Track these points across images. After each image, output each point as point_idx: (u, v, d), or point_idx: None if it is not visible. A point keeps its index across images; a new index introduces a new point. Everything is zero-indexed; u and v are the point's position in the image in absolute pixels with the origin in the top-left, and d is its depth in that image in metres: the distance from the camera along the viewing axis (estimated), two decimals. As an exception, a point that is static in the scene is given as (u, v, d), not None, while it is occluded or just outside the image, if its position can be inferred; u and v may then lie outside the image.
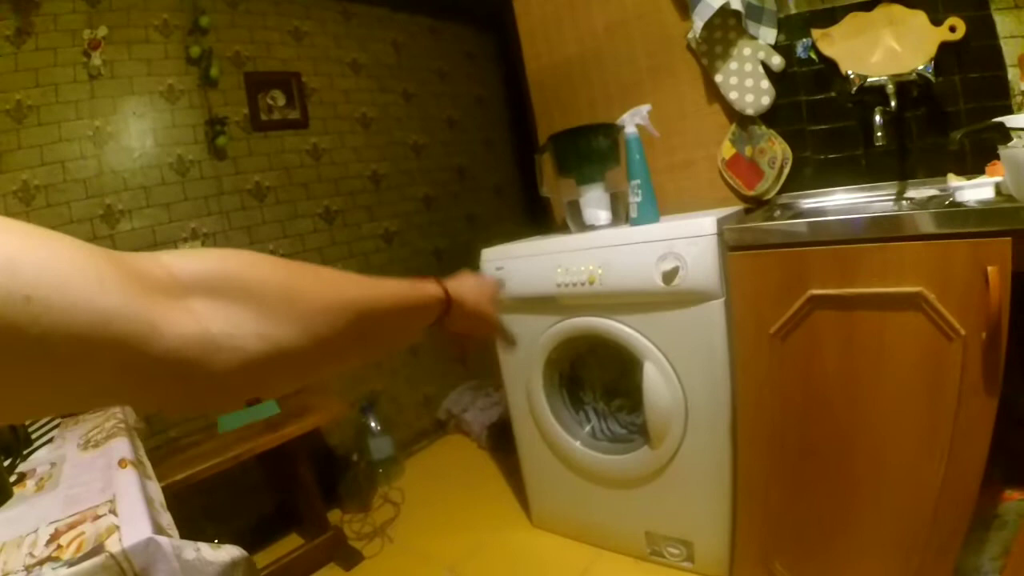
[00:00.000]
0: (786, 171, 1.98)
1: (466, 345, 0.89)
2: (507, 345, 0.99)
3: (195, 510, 2.18)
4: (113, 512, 0.98)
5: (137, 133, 2.39)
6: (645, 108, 1.86)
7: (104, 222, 2.28)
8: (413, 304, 0.68)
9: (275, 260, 0.49)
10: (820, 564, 1.56)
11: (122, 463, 1.23)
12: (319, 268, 0.53)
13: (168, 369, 0.37)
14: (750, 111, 1.96)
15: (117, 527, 0.92)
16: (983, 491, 1.29)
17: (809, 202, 1.92)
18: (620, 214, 2.01)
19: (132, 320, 0.34)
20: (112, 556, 0.84)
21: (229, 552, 1.04)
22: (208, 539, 1.04)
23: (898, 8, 1.73)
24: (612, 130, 1.99)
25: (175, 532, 1.10)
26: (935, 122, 1.75)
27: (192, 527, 1.26)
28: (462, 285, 0.78)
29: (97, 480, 1.16)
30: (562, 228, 2.26)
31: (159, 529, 0.95)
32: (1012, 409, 1.27)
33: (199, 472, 1.92)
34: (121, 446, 1.36)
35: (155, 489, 1.24)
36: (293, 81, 2.86)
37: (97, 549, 0.85)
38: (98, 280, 0.33)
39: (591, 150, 2.01)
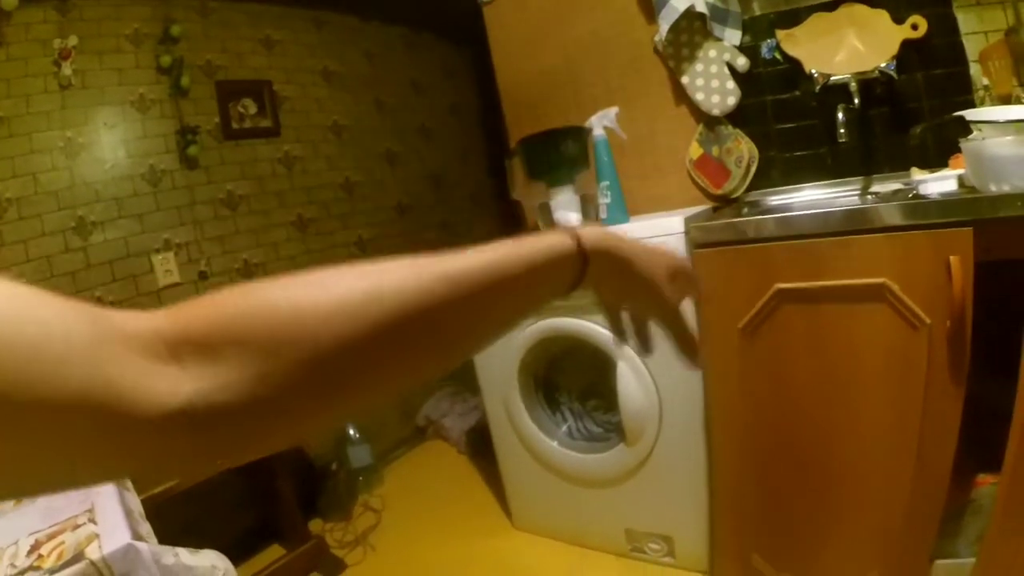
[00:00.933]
0: (753, 170, 2.01)
1: (672, 319, 0.62)
2: (689, 358, 0.64)
3: (176, 525, 2.15)
4: (92, 521, 0.98)
5: (109, 144, 2.38)
6: (613, 111, 1.89)
7: (76, 234, 2.26)
8: (521, 271, 0.48)
9: (295, 282, 0.40)
10: (798, 555, 1.59)
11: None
12: (354, 270, 0.40)
13: (135, 440, 0.31)
14: (716, 111, 1.99)
15: (97, 535, 0.92)
16: (957, 477, 1.32)
17: (776, 199, 1.95)
18: (590, 216, 2.02)
19: (99, 389, 0.29)
20: (92, 563, 0.84)
21: (208, 557, 1.05)
22: (190, 554, 1.04)
23: (861, 8, 1.76)
24: (581, 133, 2.01)
25: (154, 540, 1.10)
26: (898, 119, 1.79)
27: (173, 542, 1.26)
28: (603, 232, 0.55)
29: (75, 492, 1.16)
30: (533, 232, 2.27)
31: (138, 537, 0.96)
32: (983, 396, 1.29)
33: (178, 484, 1.90)
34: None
35: (133, 500, 1.24)
36: (265, 89, 2.86)
37: (77, 557, 0.85)
38: (64, 343, 0.29)
39: (560, 153, 2.02)
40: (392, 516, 2.66)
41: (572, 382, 2.22)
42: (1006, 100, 1.59)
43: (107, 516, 1.00)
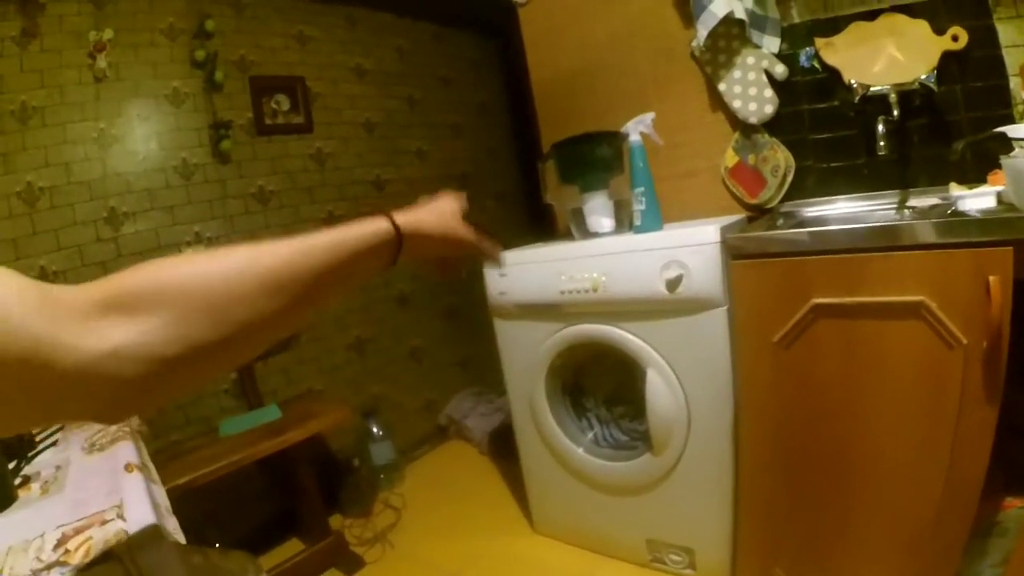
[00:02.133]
0: (789, 179, 1.99)
1: (448, 267, 0.85)
2: (492, 262, 0.90)
3: (197, 515, 2.18)
4: (121, 517, 0.97)
5: (142, 136, 2.40)
6: (649, 116, 1.87)
7: (108, 224, 2.28)
8: (353, 251, 0.63)
9: (192, 258, 0.52)
10: (821, 572, 1.57)
11: (128, 467, 1.22)
12: (237, 248, 0.54)
13: (78, 383, 0.42)
14: (753, 119, 1.97)
15: (125, 532, 0.91)
16: (984, 499, 1.29)
17: (811, 210, 1.92)
18: (623, 222, 2.01)
19: (34, 340, 0.39)
20: (120, 561, 0.84)
21: (238, 558, 1.04)
22: (210, 544, 1.04)
23: (901, 18, 1.74)
24: (616, 138, 1.99)
25: (181, 537, 1.10)
26: (937, 131, 1.76)
27: (194, 532, 1.26)
28: (417, 213, 0.73)
29: (103, 484, 1.15)
30: (565, 235, 2.27)
31: (166, 534, 0.95)
32: (1013, 417, 1.27)
33: (201, 476, 1.91)
34: (127, 450, 1.35)
35: (160, 494, 1.24)
36: (298, 86, 2.87)
37: (106, 554, 0.85)
38: (19, 308, 0.39)
39: (595, 158, 2.01)
40: (412, 515, 2.67)
41: (600, 388, 2.21)
42: (1046, 115, 1.57)
43: (135, 511, 0.99)
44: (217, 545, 1.05)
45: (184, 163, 2.49)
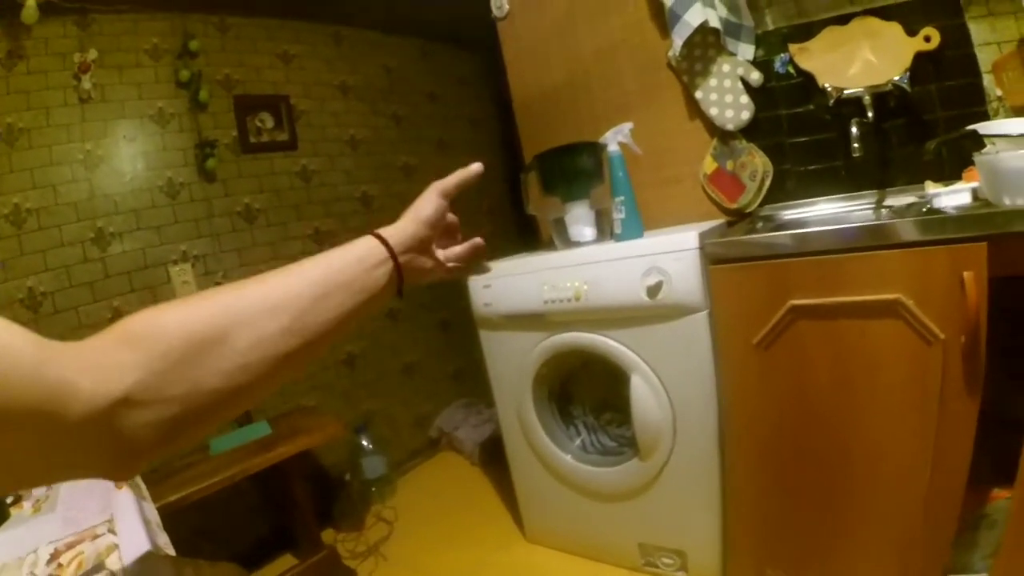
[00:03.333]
0: (767, 184, 2.01)
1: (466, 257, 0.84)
2: (479, 270, 0.91)
3: (190, 531, 2.19)
4: (112, 531, 0.98)
5: (128, 156, 2.42)
6: (627, 126, 1.89)
7: (95, 245, 2.29)
8: (361, 301, 0.61)
9: (196, 297, 0.52)
10: (812, 569, 1.58)
11: (118, 485, 1.23)
12: (240, 287, 0.54)
13: (91, 431, 0.41)
14: (730, 126, 2.00)
15: (116, 546, 0.92)
16: (972, 491, 1.31)
17: (790, 213, 1.94)
18: (605, 231, 2.03)
19: (49, 386, 0.38)
20: (112, 574, 0.84)
21: (226, 570, 1.05)
22: (204, 561, 1.05)
23: (874, 20, 1.76)
24: (595, 148, 2.02)
25: (172, 551, 1.11)
26: (913, 131, 1.78)
27: (188, 548, 1.27)
28: (406, 244, 0.69)
29: (95, 502, 1.16)
30: (549, 246, 2.28)
31: (157, 548, 0.96)
32: (998, 410, 1.29)
33: (193, 493, 1.92)
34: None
35: (151, 510, 1.25)
36: (282, 104, 2.89)
37: (98, 567, 0.85)
38: (14, 351, 0.37)
39: (575, 168, 2.03)
40: (404, 527, 2.67)
41: (586, 395, 2.23)
42: (1020, 111, 1.58)
43: (126, 526, 1.00)
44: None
45: (170, 182, 2.50)
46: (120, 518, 1.05)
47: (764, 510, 1.62)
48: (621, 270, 1.76)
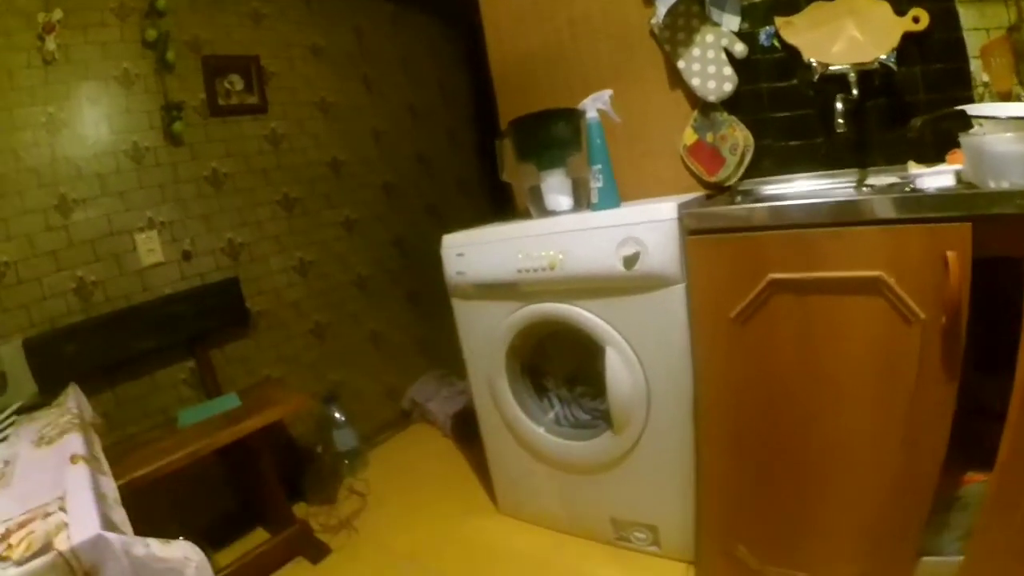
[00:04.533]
0: (747, 158, 1.98)
1: None
2: None
3: (158, 507, 2.14)
4: (63, 509, 0.95)
5: (91, 120, 2.33)
6: (607, 93, 1.86)
7: (58, 212, 2.21)
8: None
9: None
10: (784, 547, 1.58)
11: (74, 459, 1.20)
12: None
13: None
14: (712, 97, 1.97)
15: (66, 524, 0.89)
16: (945, 474, 1.31)
17: (770, 188, 1.93)
18: (581, 200, 2.00)
19: None
20: (60, 554, 0.81)
21: (181, 548, 1.02)
22: (172, 536, 1.02)
23: (862, -2, 1.73)
24: (573, 115, 1.98)
25: (129, 528, 1.07)
26: (896, 112, 1.76)
27: (156, 524, 1.24)
28: None
29: (48, 477, 1.13)
30: (524, 215, 2.25)
31: (110, 526, 0.93)
32: (974, 394, 1.28)
33: (159, 468, 1.88)
34: (75, 442, 1.32)
35: (109, 485, 1.21)
36: (252, 65, 2.81)
37: (46, 547, 0.82)
38: None
39: (552, 135, 1.99)
40: (377, 500, 2.66)
41: (560, 368, 2.21)
42: (1005, 97, 1.58)
43: (78, 503, 0.97)
44: (180, 538, 1.02)
45: (135, 147, 2.42)
46: (72, 494, 1.01)
47: (736, 487, 1.62)
48: (597, 240, 1.73)
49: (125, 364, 2.32)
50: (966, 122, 1.34)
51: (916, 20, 1.66)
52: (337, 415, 2.87)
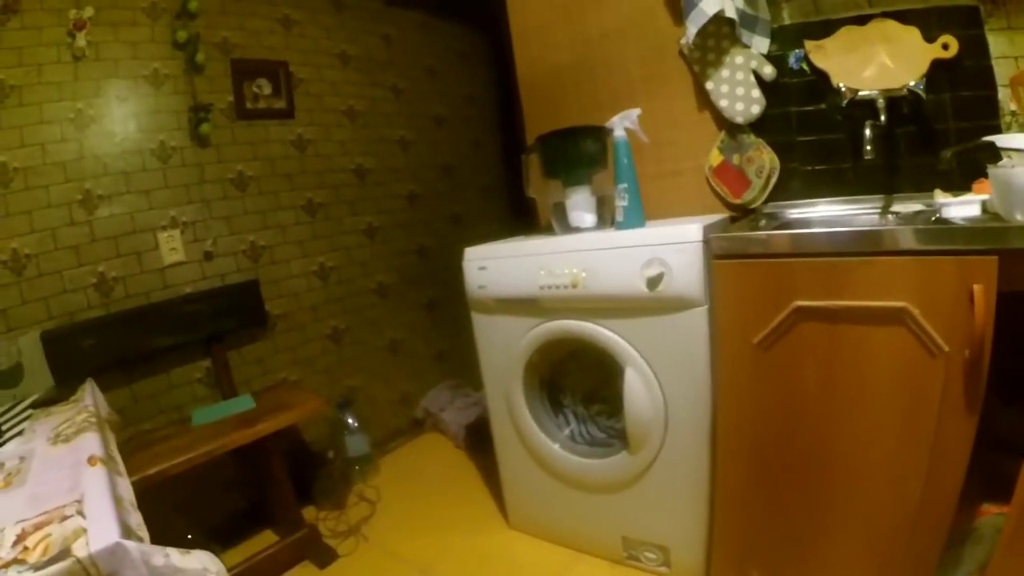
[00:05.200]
0: (773, 181, 1.98)
1: None
2: None
3: (167, 505, 2.14)
4: (81, 513, 0.94)
5: (120, 117, 2.35)
6: (635, 112, 1.85)
7: (82, 207, 2.23)
8: None
9: None
10: (796, 574, 1.57)
11: (92, 460, 1.19)
12: None
13: None
14: (740, 119, 1.96)
15: (84, 530, 0.88)
16: (960, 505, 1.29)
17: (795, 212, 1.92)
18: (605, 218, 2.00)
19: None
20: (79, 561, 0.81)
21: (199, 559, 1.01)
22: (180, 535, 1.01)
23: (892, 24, 1.73)
24: (601, 133, 1.98)
25: (145, 532, 1.07)
26: (924, 139, 1.76)
27: (164, 522, 1.24)
28: None
29: (65, 478, 1.12)
30: (547, 230, 2.25)
31: (128, 531, 0.92)
32: (991, 426, 1.27)
33: (172, 467, 1.88)
34: (91, 442, 1.31)
35: (125, 487, 1.21)
36: (280, 70, 2.82)
37: (63, 553, 0.82)
38: None
39: (579, 152, 1.99)
40: (386, 507, 2.65)
41: (577, 385, 2.20)
42: (1034, 127, 1.57)
43: (96, 508, 0.96)
44: (189, 536, 1.02)
45: (162, 146, 2.44)
46: (90, 498, 1.01)
47: (751, 511, 1.61)
48: (621, 259, 1.73)
49: (142, 361, 2.34)
50: (994, 151, 1.33)
51: (945, 47, 1.65)
52: (350, 420, 2.87)
